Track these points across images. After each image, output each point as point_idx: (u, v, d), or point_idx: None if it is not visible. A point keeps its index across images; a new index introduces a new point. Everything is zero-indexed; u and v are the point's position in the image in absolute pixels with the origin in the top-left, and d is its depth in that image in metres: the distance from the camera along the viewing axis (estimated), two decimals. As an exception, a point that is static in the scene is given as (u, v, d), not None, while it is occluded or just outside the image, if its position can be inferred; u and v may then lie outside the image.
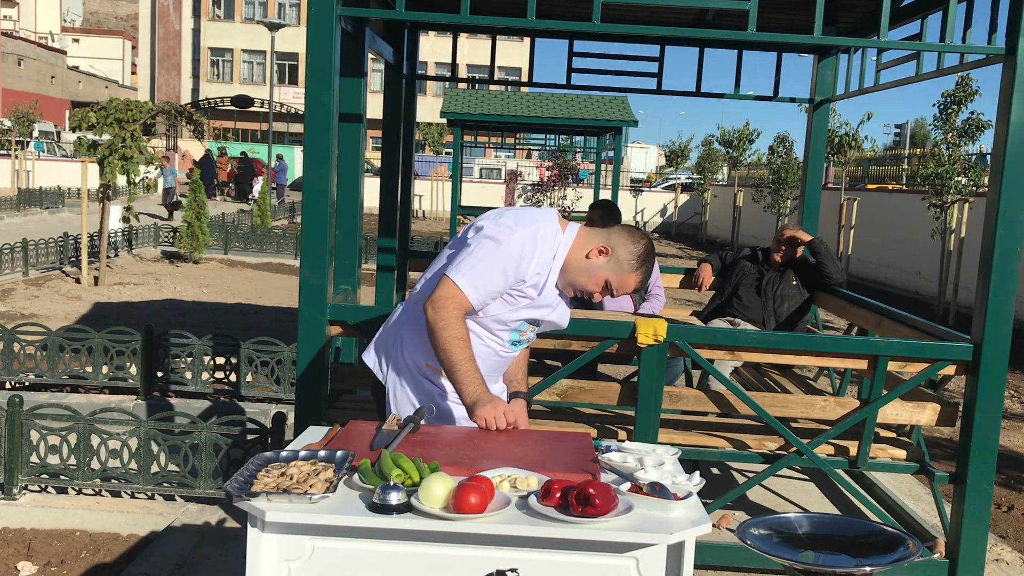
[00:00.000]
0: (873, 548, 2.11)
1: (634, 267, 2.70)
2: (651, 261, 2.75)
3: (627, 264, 2.69)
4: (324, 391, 3.64)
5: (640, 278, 2.72)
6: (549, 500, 1.95)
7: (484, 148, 38.78)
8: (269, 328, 8.81)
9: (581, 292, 2.73)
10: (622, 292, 2.73)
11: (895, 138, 47.11)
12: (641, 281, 2.73)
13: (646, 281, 2.75)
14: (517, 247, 2.57)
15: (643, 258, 2.71)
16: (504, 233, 2.58)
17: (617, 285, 2.70)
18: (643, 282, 2.75)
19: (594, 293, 2.73)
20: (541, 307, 2.70)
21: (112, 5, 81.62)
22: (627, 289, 2.73)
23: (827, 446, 3.89)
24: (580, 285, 2.71)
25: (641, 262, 2.71)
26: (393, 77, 5.64)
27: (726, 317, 5.43)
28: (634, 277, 2.71)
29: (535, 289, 2.64)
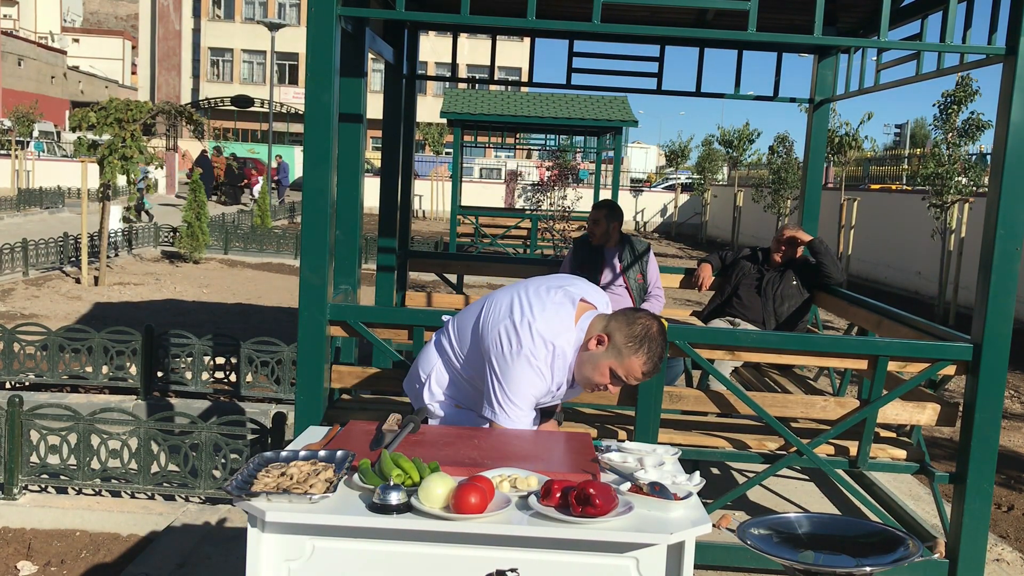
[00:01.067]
0: (873, 548, 2.11)
1: (634, 350, 2.52)
2: (654, 341, 2.54)
3: (625, 349, 2.53)
4: (324, 391, 3.64)
5: (644, 361, 2.53)
6: (549, 500, 1.95)
7: (484, 148, 38.77)
8: (269, 328, 8.81)
9: (590, 388, 2.65)
10: (633, 379, 2.57)
11: (895, 138, 47.10)
12: (649, 364, 2.55)
13: (656, 363, 2.56)
14: (540, 379, 2.60)
15: (641, 339, 2.53)
16: (527, 363, 2.58)
17: (624, 373, 2.55)
18: (653, 365, 2.56)
19: (606, 385, 2.60)
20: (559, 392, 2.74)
21: (112, 5, 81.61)
22: (637, 375, 2.56)
23: (827, 446, 3.89)
24: (589, 379, 2.61)
25: (639, 343, 2.53)
26: (393, 77, 5.64)
27: (726, 317, 5.43)
28: (637, 361, 2.53)
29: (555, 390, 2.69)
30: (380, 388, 4.57)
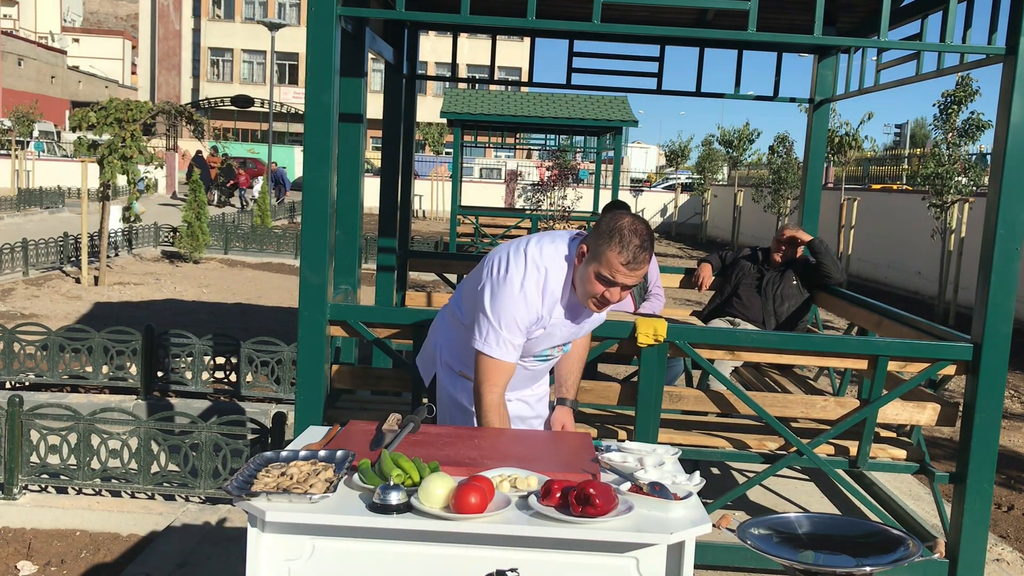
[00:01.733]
0: (873, 548, 2.11)
1: (606, 244, 2.49)
2: (624, 230, 2.49)
3: (599, 248, 2.51)
4: (324, 391, 3.64)
5: (619, 251, 2.47)
6: (549, 500, 1.95)
7: (484, 148, 38.78)
8: (269, 328, 8.81)
9: (596, 302, 2.59)
10: (619, 279, 2.50)
11: (895, 138, 47.09)
12: (624, 252, 2.48)
13: (634, 251, 2.48)
14: (522, 303, 2.58)
15: (610, 232, 2.50)
16: (506, 292, 2.59)
17: (608, 272, 2.50)
18: (630, 254, 2.48)
19: (602, 297, 2.56)
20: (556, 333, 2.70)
21: (112, 5, 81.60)
22: (618, 273, 2.49)
23: (827, 446, 3.89)
24: (584, 294, 2.59)
25: (609, 236, 2.49)
26: (393, 77, 5.64)
27: (726, 317, 5.43)
28: (612, 254, 2.48)
29: (542, 326, 2.64)
30: (380, 388, 4.57)
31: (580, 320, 2.73)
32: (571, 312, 2.69)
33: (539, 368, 2.87)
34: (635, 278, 2.53)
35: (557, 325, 2.67)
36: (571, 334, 2.76)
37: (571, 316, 2.70)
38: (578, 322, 2.73)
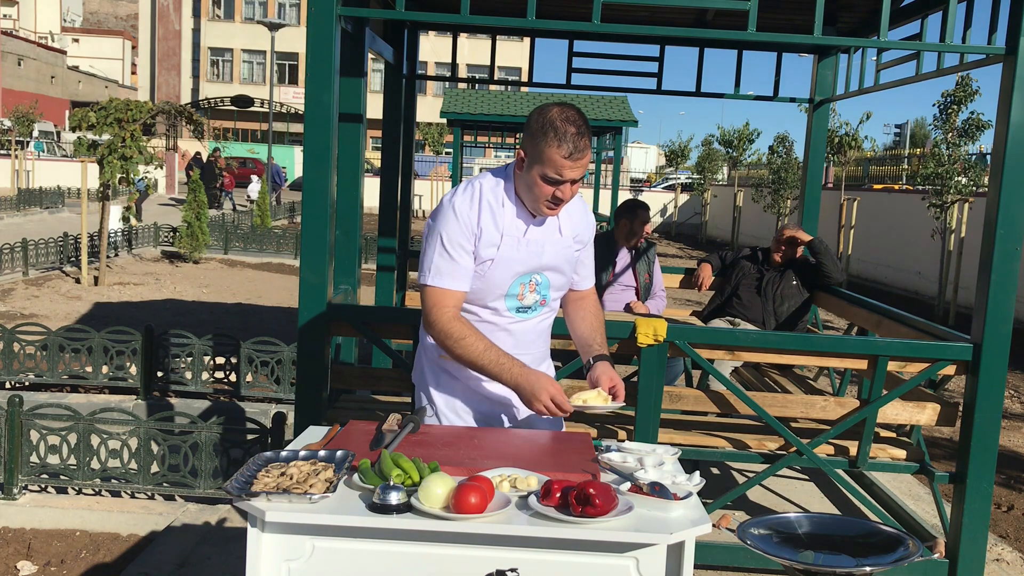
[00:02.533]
0: (873, 548, 2.11)
1: (543, 142, 2.34)
2: (555, 120, 2.34)
3: (537, 148, 2.36)
4: (324, 391, 3.64)
5: (557, 145, 2.33)
6: (549, 500, 1.95)
7: (484, 148, 38.77)
8: (269, 328, 8.81)
9: (548, 205, 2.43)
10: (566, 174, 2.36)
11: (895, 138, 47.11)
12: (564, 145, 2.33)
13: (573, 140, 2.34)
14: (454, 218, 2.44)
15: (543, 128, 2.35)
16: (440, 214, 2.48)
17: (552, 171, 2.36)
18: (570, 144, 2.34)
19: (553, 197, 2.41)
20: (514, 257, 2.48)
21: (112, 5, 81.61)
22: (563, 168, 2.35)
23: (827, 446, 3.89)
24: (534, 201, 2.43)
25: (543, 132, 2.34)
26: (393, 77, 5.64)
27: (726, 317, 5.43)
28: (551, 150, 2.33)
29: (491, 244, 2.45)
30: (380, 388, 4.58)
31: (540, 245, 2.51)
32: (524, 231, 2.49)
33: (520, 327, 2.58)
34: (580, 168, 2.38)
35: (511, 246, 2.47)
36: (535, 263, 2.51)
37: (527, 237, 2.49)
38: (538, 247, 2.51)
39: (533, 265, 2.52)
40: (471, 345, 2.43)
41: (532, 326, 2.61)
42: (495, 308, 2.55)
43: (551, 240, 2.55)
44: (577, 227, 2.62)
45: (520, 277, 2.53)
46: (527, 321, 2.59)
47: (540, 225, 2.53)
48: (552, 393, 2.38)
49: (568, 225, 2.59)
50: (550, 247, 2.54)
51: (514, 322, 2.58)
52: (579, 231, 2.63)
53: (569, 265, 2.62)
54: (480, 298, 2.54)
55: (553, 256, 2.55)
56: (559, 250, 2.56)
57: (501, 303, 2.54)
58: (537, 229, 2.53)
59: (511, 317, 2.57)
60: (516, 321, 2.58)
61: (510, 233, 2.48)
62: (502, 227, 2.48)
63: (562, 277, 2.61)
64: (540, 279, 2.56)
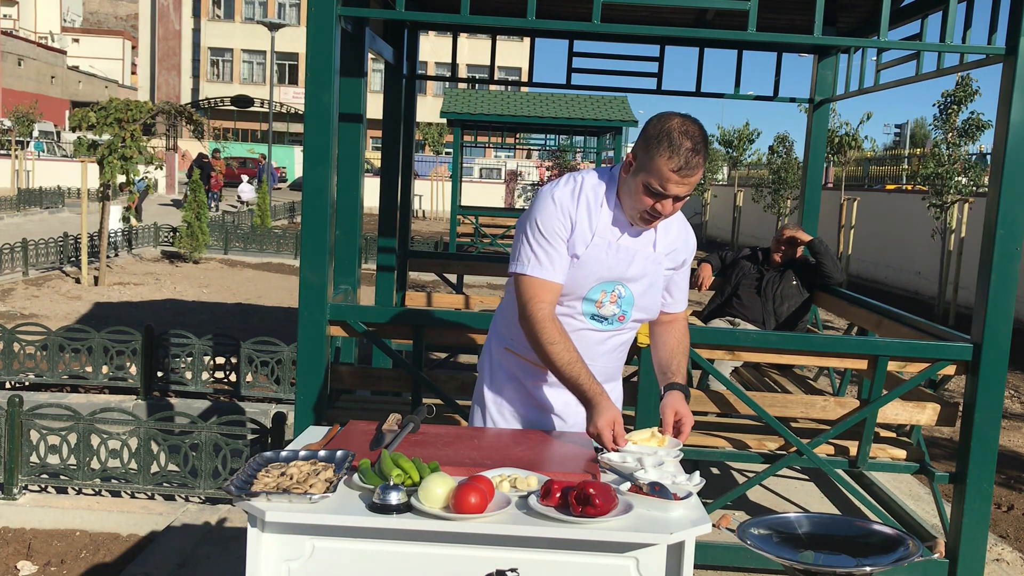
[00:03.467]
0: (873, 548, 2.11)
1: (655, 151, 2.25)
2: (673, 132, 2.24)
3: (647, 155, 2.27)
4: (324, 391, 3.64)
5: (668, 156, 2.23)
6: (549, 500, 1.95)
7: (484, 148, 38.81)
8: (269, 328, 8.81)
9: (645, 216, 2.34)
10: (671, 189, 2.26)
11: (895, 138, 47.09)
12: (675, 158, 2.23)
13: (686, 155, 2.24)
14: (552, 206, 2.37)
15: (658, 136, 2.25)
16: (538, 203, 2.41)
17: (656, 182, 2.26)
18: (681, 159, 2.24)
19: (652, 210, 2.32)
20: (601, 259, 2.38)
21: (112, 5, 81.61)
22: (669, 182, 2.25)
23: (827, 446, 3.89)
24: (633, 208, 2.34)
25: (657, 141, 2.25)
26: (393, 77, 5.64)
27: (726, 317, 5.43)
28: (661, 160, 2.24)
29: (582, 242, 2.37)
30: (380, 388, 4.57)
31: (631, 255, 2.41)
32: (618, 237, 2.40)
33: (593, 337, 2.47)
34: (687, 186, 2.28)
35: (601, 248, 2.38)
36: (621, 271, 2.40)
37: (618, 243, 2.40)
38: (628, 255, 2.40)
39: (618, 274, 2.42)
40: (558, 353, 2.34)
41: (604, 339, 2.50)
42: (571, 308, 2.45)
43: (643, 253, 2.44)
44: (674, 245, 2.50)
45: (603, 283, 2.42)
46: (600, 332, 2.48)
47: (636, 235, 2.43)
48: (614, 422, 2.29)
49: (664, 242, 2.47)
50: (640, 259, 2.43)
51: (587, 329, 2.46)
52: (675, 250, 2.51)
53: (657, 285, 2.49)
54: (565, 295, 2.45)
55: (641, 270, 2.44)
56: (649, 265, 2.45)
57: (578, 305, 2.44)
58: (631, 238, 2.42)
59: (584, 323, 2.46)
60: (589, 329, 2.47)
61: (602, 235, 2.39)
62: (595, 227, 2.39)
63: (648, 296, 2.47)
64: (624, 292, 2.44)
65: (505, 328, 2.61)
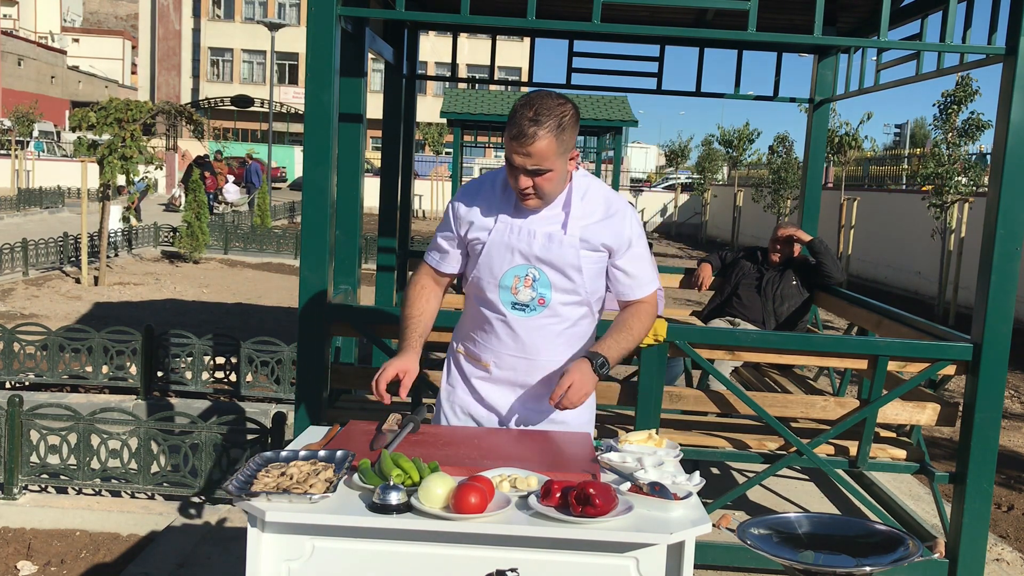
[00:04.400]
0: (873, 548, 2.11)
1: (506, 128, 2.32)
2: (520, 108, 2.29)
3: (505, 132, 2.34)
4: (324, 391, 3.64)
5: (509, 131, 2.29)
6: (549, 500, 1.95)
7: (484, 148, 38.77)
8: (269, 328, 8.81)
9: (520, 195, 2.40)
10: (515, 160, 2.31)
11: (895, 138, 47.09)
12: (512, 131, 2.28)
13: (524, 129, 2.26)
14: (448, 208, 2.57)
15: (510, 112, 2.31)
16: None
17: (507, 156, 2.34)
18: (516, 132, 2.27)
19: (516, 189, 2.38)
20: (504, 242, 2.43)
21: (112, 5, 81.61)
22: (511, 152, 2.31)
23: (827, 446, 3.89)
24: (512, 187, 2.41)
25: (509, 117, 2.31)
26: (393, 77, 5.64)
27: (726, 317, 5.43)
28: (507, 135, 2.30)
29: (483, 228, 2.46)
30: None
31: (531, 233, 2.43)
32: (522, 221, 2.44)
33: (523, 328, 2.48)
34: (532, 157, 2.28)
35: (503, 231, 2.44)
36: (526, 250, 2.43)
37: (521, 225, 2.44)
38: (529, 236, 2.42)
39: (524, 253, 2.44)
40: (403, 309, 2.59)
41: (536, 327, 2.48)
42: (493, 302, 2.49)
43: (548, 233, 2.43)
44: (594, 231, 2.45)
45: (514, 269, 2.46)
46: (528, 320, 2.48)
47: (542, 219, 2.45)
48: (399, 371, 2.42)
49: (578, 225, 2.44)
50: (543, 239, 2.43)
51: (514, 320, 2.48)
52: (597, 236, 2.46)
53: (581, 270, 2.45)
54: (480, 289, 2.53)
55: (545, 249, 2.43)
56: (559, 248, 2.43)
57: (496, 295, 2.48)
58: (536, 221, 2.45)
59: (508, 313, 2.48)
60: (516, 320, 2.48)
61: (504, 220, 2.47)
62: (496, 214, 2.47)
63: (566, 280, 2.45)
64: (537, 275, 2.45)
65: (458, 327, 2.73)
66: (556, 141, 2.29)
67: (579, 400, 2.35)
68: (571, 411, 2.48)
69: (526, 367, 2.53)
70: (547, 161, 2.31)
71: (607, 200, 2.50)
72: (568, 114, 2.33)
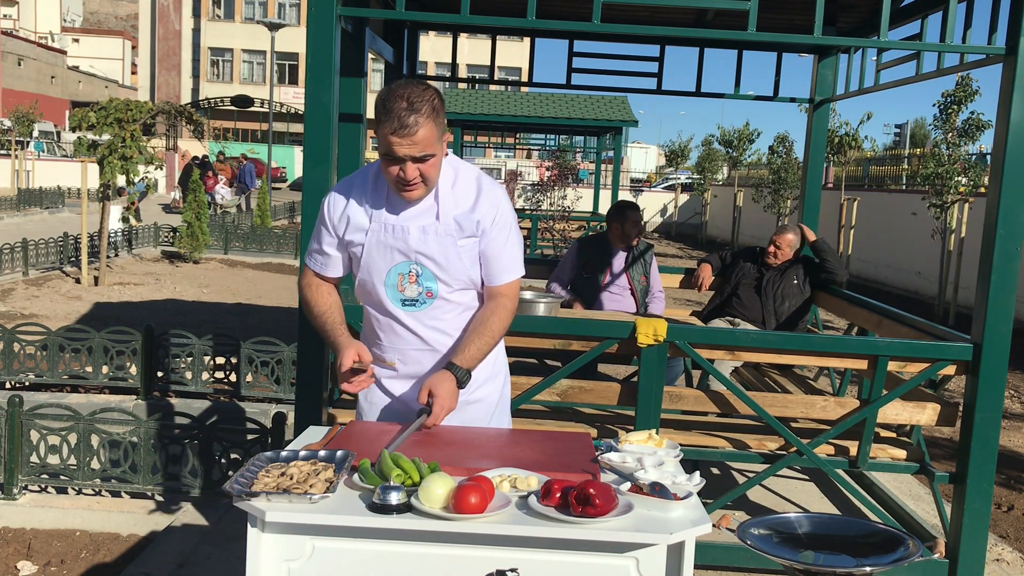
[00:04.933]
0: (873, 548, 2.11)
1: (378, 122, 2.30)
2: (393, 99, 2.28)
3: (377, 126, 2.31)
4: (324, 391, 3.64)
5: (386, 126, 2.28)
6: (549, 500, 1.95)
7: (484, 148, 38.79)
8: (269, 328, 8.81)
9: (399, 186, 2.37)
10: (399, 151, 2.29)
11: (895, 138, 47.09)
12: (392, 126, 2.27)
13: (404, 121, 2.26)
14: (321, 211, 2.53)
15: (379, 106, 2.30)
16: None
17: (385, 150, 2.31)
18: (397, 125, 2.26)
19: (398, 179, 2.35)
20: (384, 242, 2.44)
21: (112, 5, 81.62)
22: (392, 146, 2.28)
23: (827, 446, 3.89)
24: (389, 183, 2.40)
25: (378, 111, 2.30)
26: (393, 77, 5.64)
27: (726, 317, 5.43)
28: (383, 130, 2.29)
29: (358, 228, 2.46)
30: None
31: (405, 230, 2.43)
32: (395, 216, 2.44)
33: (416, 322, 2.50)
34: (417, 145, 2.28)
35: (378, 231, 2.44)
36: (403, 247, 2.43)
37: (395, 222, 2.44)
38: (402, 232, 2.43)
39: (403, 250, 2.44)
40: (311, 311, 2.57)
41: (430, 319, 2.50)
42: (382, 303, 2.51)
43: (421, 225, 2.43)
44: (464, 214, 2.44)
45: (396, 267, 2.46)
46: (421, 314, 2.50)
47: (413, 212, 2.44)
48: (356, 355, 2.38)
49: (450, 212, 2.43)
50: (418, 232, 2.43)
51: (407, 317, 2.50)
52: (467, 218, 2.44)
53: (456, 255, 2.45)
54: (368, 292, 2.53)
55: (421, 242, 2.43)
56: (434, 237, 2.43)
57: (384, 296, 2.50)
58: (409, 215, 2.44)
59: (399, 311, 2.50)
60: (409, 316, 2.50)
61: (378, 219, 2.45)
62: (371, 213, 2.46)
63: (451, 268, 2.46)
64: (420, 270, 2.46)
65: (361, 333, 2.71)
66: (435, 125, 2.32)
67: (443, 414, 2.39)
68: (487, 389, 2.63)
69: (431, 358, 2.55)
70: (430, 146, 2.32)
71: (478, 183, 2.50)
72: (436, 98, 2.35)
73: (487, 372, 2.63)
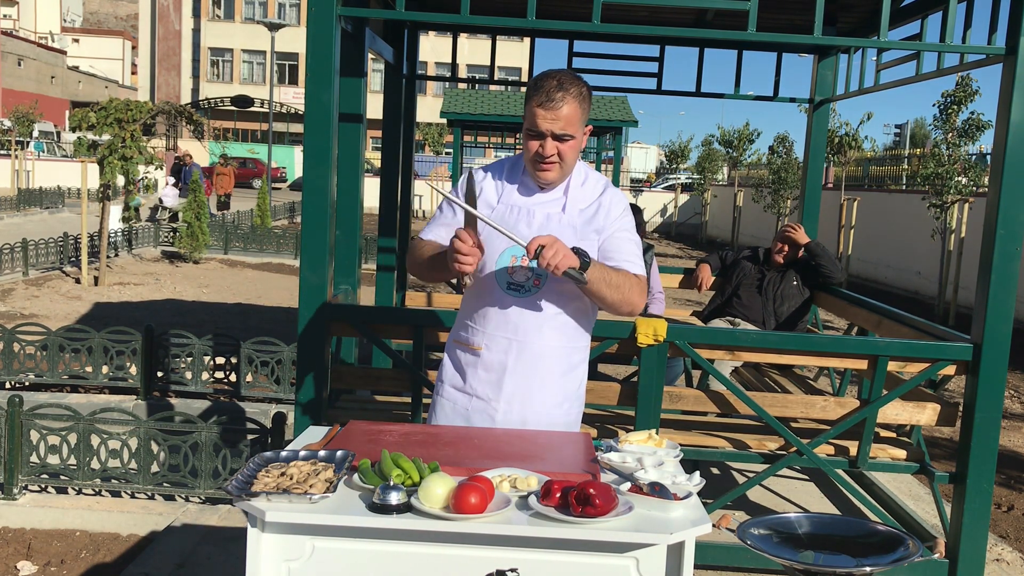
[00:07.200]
0: (873, 548, 2.11)
1: (527, 99, 2.43)
2: (542, 78, 2.42)
3: (525, 104, 2.45)
4: (324, 391, 3.64)
5: (534, 98, 2.39)
6: (549, 500, 1.95)
7: (484, 148, 38.76)
8: (269, 328, 8.81)
9: (534, 167, 2.47)
10: (541, 125, 2.39)
11: (895, 138, 47.09)
12: (539, 98, 2.38)
13: (551, 95, 2.37)
14: (459, 182, 2.56)
15: (530, 85, 2.44)
16: None
17: (530, 125, 2.42)
18: (544, 98, 2.37)
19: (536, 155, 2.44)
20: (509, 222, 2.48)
21: (112, 5, 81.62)
22: (538, 118, 2.39)
23: (827, 446, 3.89)
24: (527, 161, 2.50)
25: (529, 90, 2.44)
26: (393, 77, 5.64)
27: (726, 317, 5.43)
28: (531, 104, 2.40)
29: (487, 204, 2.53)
30: (380, 388, 4.57)
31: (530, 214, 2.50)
32: (524, 201, 2.52)
33: (518, 309, 2.50)
34: (560, 121, 2.38)
35: (504, 212, 2.51)
36: (525, 232, 2.47)
37: (522, 205, 2.51)
38: (527, 214, 2.50)
39: (524, 234, 2.43)
40: (425, 256, 2.58)
41: (529, 308, 2.49)
42: (489, 281, 2.52)
43: (546, 212, 2.50)
44: (589, 206, 2.52)
45: (512, 248, 2.47)
46: (522, 300, 2.49)
47: (542, 199, 2.53)
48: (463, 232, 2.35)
49: (576, 206, 2.51)
50: (542, 219, 2.49)
51: (508, 300, 2.50)
52: (593, 215, 2.51)
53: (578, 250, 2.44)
54: (478, 271, 2.51)
55: (543, 229, 2.46)
56: (556, 227, 2.47)
57: (492, 274, 2.51)
58: (538, 202, 2.53)
59: (502, 294, 2.50)
60: (510, 300, 2.50)
61: (507, 199, 2.54)
62: (501, 193, 2.56)
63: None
64: (521, 257, 2.46)
65: (454, 327, 2.71)
66: (579, 108, 2.42)
67: (554, 259, 2.28)
68: (560, 409, 2.56)
69: (517, 349, 2.51)
70: (572, 127, 2.41)
71: (606, 184, 2.61)
72: (586, 88, 2.46)
73: (573, 391, 2.61)
